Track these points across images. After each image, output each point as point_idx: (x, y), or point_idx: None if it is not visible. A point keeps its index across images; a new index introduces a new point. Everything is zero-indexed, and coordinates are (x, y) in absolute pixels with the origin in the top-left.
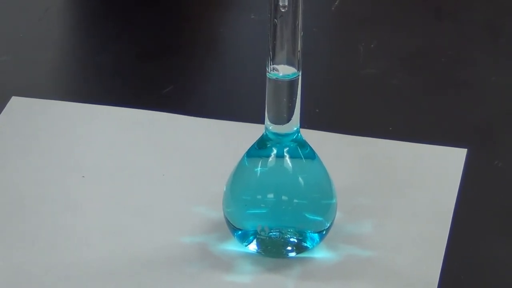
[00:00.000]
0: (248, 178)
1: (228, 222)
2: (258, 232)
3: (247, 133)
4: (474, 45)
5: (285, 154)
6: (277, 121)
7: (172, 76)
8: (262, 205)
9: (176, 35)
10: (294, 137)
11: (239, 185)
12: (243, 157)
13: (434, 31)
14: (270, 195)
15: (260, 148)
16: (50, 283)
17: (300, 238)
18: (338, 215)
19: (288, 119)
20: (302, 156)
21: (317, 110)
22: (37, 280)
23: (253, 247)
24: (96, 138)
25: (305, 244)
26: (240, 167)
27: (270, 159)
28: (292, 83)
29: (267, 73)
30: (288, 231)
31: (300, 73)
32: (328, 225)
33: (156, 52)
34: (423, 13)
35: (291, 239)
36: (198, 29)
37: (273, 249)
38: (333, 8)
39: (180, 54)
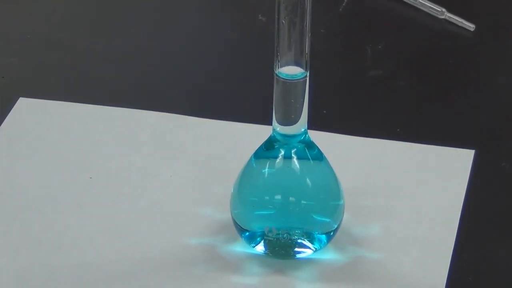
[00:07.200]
0: (256, 179)
1: (235, 223)
2: (266, 233)
3: (254, 134)
4: (481, 46)
5: (293, 155)
6: (284, 122)
7: (179, 77)
8: (269, 206)
9: (182, 36)
10: (302, 138)
11: (246, 186)
12: (251, 158)
13: (441, 32)
14: (278, 196)
15: (267, 149)
16: (56, 284)
17: (307, 239)
18: (345, 216)
19: (296, 120)
20: (310, 157)
21: (325, 111)
22: (43, 281)
23: (260, 248)
24: (103, 139)
25: (313, 245)
26: (247, 168)
27: (278, 160)
28: (299, 84)
29: (275, 74)
30: (296, 232)
31: (307, 74)
32: (336, 226)
33: (163, 53)
34: (429, 15)
35: (299, 240)
36: (204, 30)
37: (281, 250)
38: (340, 9)
39: (187, 55)
